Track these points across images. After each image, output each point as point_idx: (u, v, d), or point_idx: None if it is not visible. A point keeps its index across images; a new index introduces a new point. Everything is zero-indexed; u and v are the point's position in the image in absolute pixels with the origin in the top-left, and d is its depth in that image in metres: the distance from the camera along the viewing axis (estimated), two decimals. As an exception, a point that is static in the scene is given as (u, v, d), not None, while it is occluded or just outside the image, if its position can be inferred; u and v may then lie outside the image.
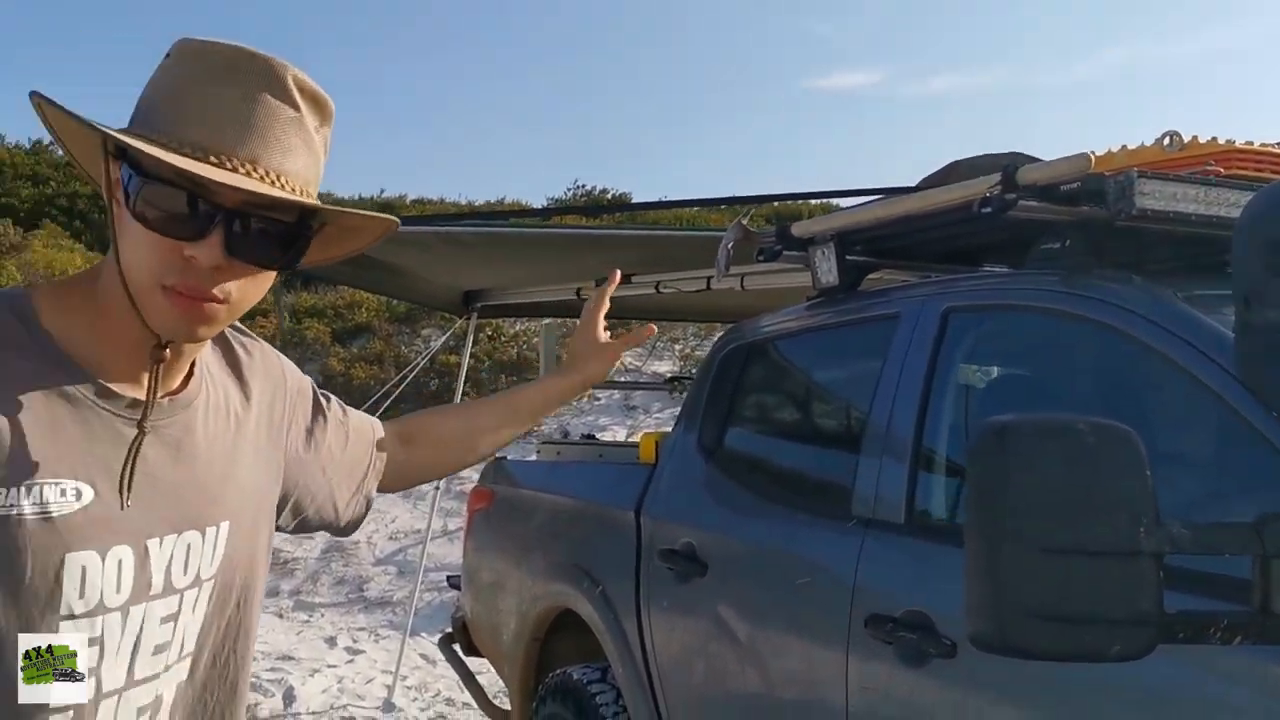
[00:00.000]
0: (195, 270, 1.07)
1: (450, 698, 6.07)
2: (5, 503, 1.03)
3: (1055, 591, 1.29)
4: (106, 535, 1.09)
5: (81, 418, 1.10)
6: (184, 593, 1.18)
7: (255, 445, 1.31)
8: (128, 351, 1.14)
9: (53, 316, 1.12)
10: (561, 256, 4.83)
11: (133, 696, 1.16)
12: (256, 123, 1.07)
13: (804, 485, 2.81)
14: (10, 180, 19.16)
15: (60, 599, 1.07)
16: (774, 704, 2.45)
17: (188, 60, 1.09)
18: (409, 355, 13.14)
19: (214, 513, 1.22)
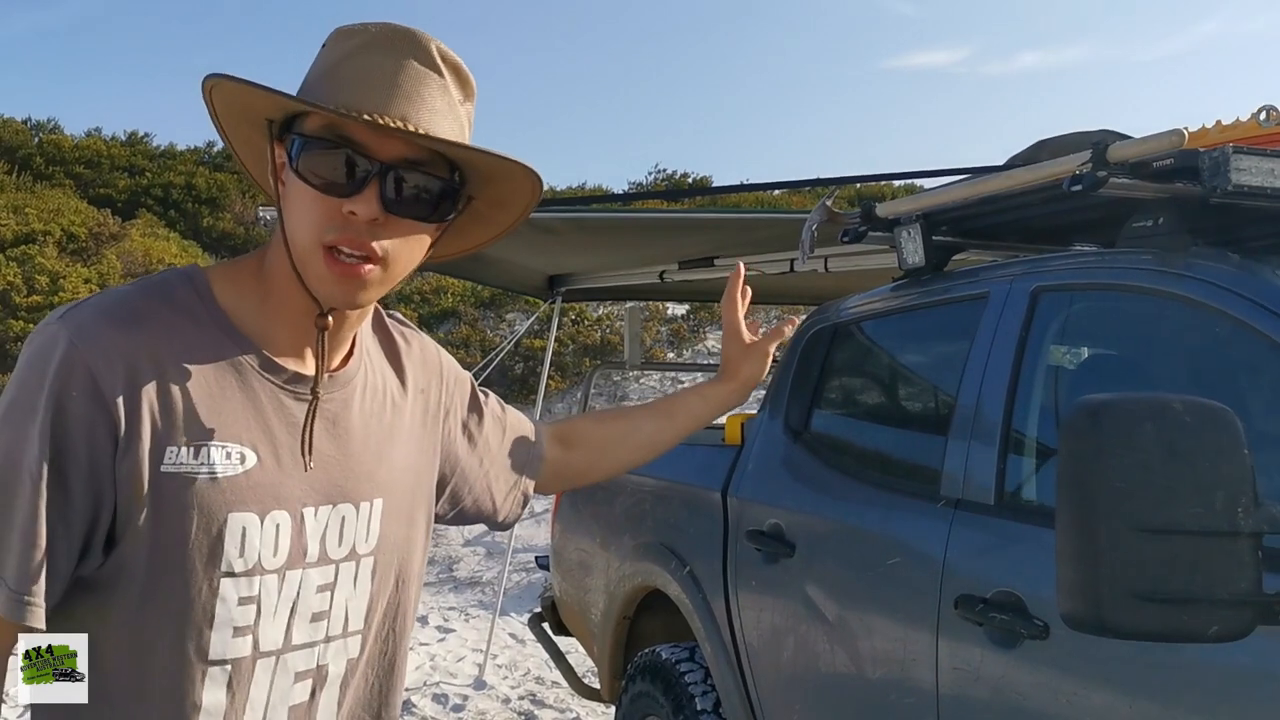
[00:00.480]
0: (354, 225, 1.14)
1: (540, 676, 6.17)
2: (175, 461, 1.11)
3: (1152, 571, 1.29)
4: (267, 499, 1.17)
5: (247, 387, 1.17)
6: (339, 564, 1.25)
7: (411, 430, 1.38)
8: (292, 325, 1.22)
9: (225, 292, 1.21)
10: (644, 240, 4.86)
11: (290, 660, 1.22)
12: (404, 84, 1.14)
13: (891, 466, 2.80)
14: (108, 171, 19.74)
15: (222, 555, 1.14)
16: (863, 684, 2.46)
17: (340, 41, 1.18)
18: (494, 339, 13.31)
19: (367, 489, 1.28)
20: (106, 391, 1.08)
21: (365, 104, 1.12)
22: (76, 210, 16.19)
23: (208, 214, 18.36)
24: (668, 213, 5.10)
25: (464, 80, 1.21)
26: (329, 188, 1.14)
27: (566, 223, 4.72)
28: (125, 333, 1.11)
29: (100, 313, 1.12)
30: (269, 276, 1.22)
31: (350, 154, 1.13)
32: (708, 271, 4.75)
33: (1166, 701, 1.72)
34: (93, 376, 1.08)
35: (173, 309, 1.16)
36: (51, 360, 1.08)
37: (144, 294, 1.17)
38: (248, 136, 1.24)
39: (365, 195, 1.13)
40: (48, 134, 21.22)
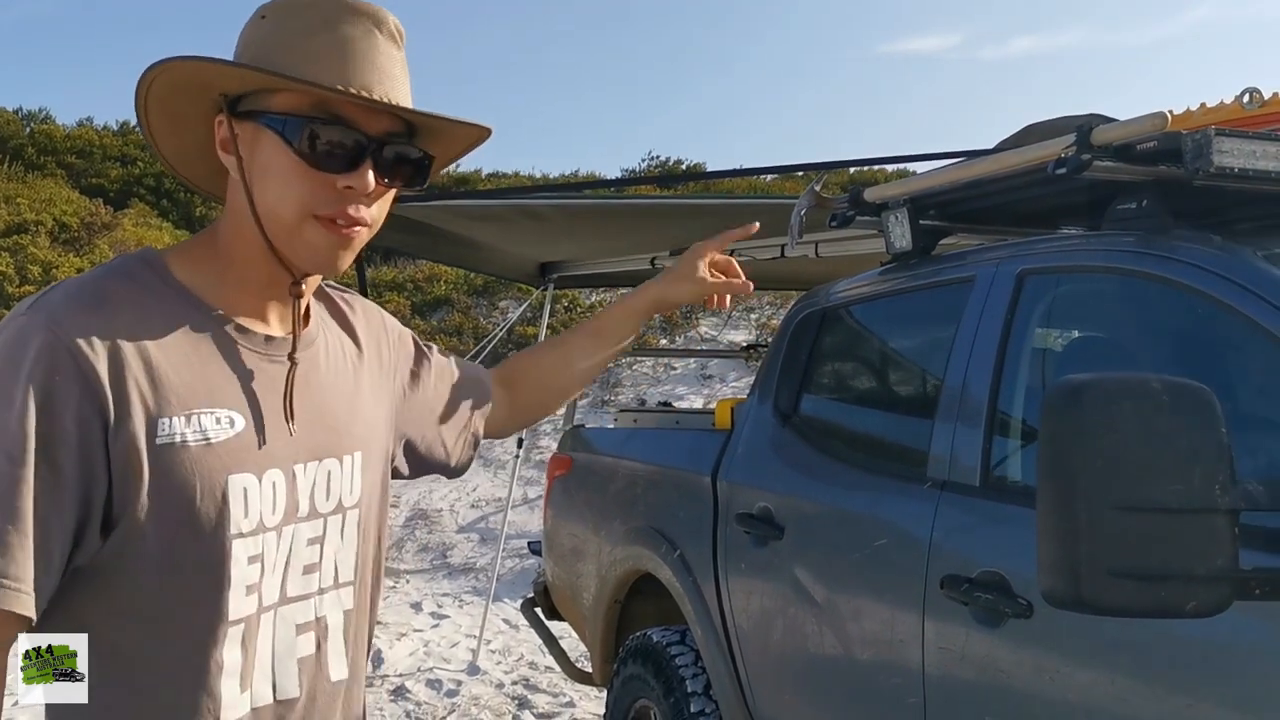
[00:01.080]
0: (349, 198, 1.19)
1: (533, 661, 6.19)
2: (169, 431, 1.13)
3: (1130, 548, 1.30)
4: (261, 459, 1.20)
5: (224, 353, 1.20)
6: (327, 518, 1.29)
7: (372, 386, 1.42)
8: (255, 294, 1.25)
9: (182, 269, 1.23)
10: (636, 227, 4.87)
11: (288, 613, 1.26)
12: (379, 61, 1.19)
13: (879, 449, 2.82)
14: (100, 161, 19.67)
15: (229, 517, 1.17)
16: (851, 664, 2.48)
17: (291, 14, 1.19)
18: (487, 327, 13.30)
19: (347, 443, 1.32)
20: (90, 373, 1.09)
21: (353, 80, 1.16)
22: (69, 200, 16.15)
23: (200, 203, 18.29)
24: (659, 199, 5.10)
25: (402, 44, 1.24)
26: (325, 163, 1.17)
27: (558, 210, 4.72)
28: (99, 314, 1.12)
29: (70, 298, 1.13)
30: (226, 250, 1.24)
31: (346, 130, 1.17)
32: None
33: (1148, 677, 1.74)
34: (75, 359, 1.09)
35: (138, 288, 1.18)
36: (29, 348, 1.08)
37: (107, 277, 1.18)
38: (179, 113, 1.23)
39: (361, 170, 1.18)
40: (39, 124, 21.13)
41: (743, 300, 13.66)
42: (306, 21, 1.18)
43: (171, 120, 1.24)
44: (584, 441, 4.22)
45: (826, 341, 3.11)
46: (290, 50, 1.17)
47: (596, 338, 1.72)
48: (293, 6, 1.19)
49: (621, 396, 12.08)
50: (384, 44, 1.20)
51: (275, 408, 1.23)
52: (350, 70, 1.16)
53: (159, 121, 1.25)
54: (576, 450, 4.19)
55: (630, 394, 12.08)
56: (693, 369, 12.40)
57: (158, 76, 1.18)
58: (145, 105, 1.22)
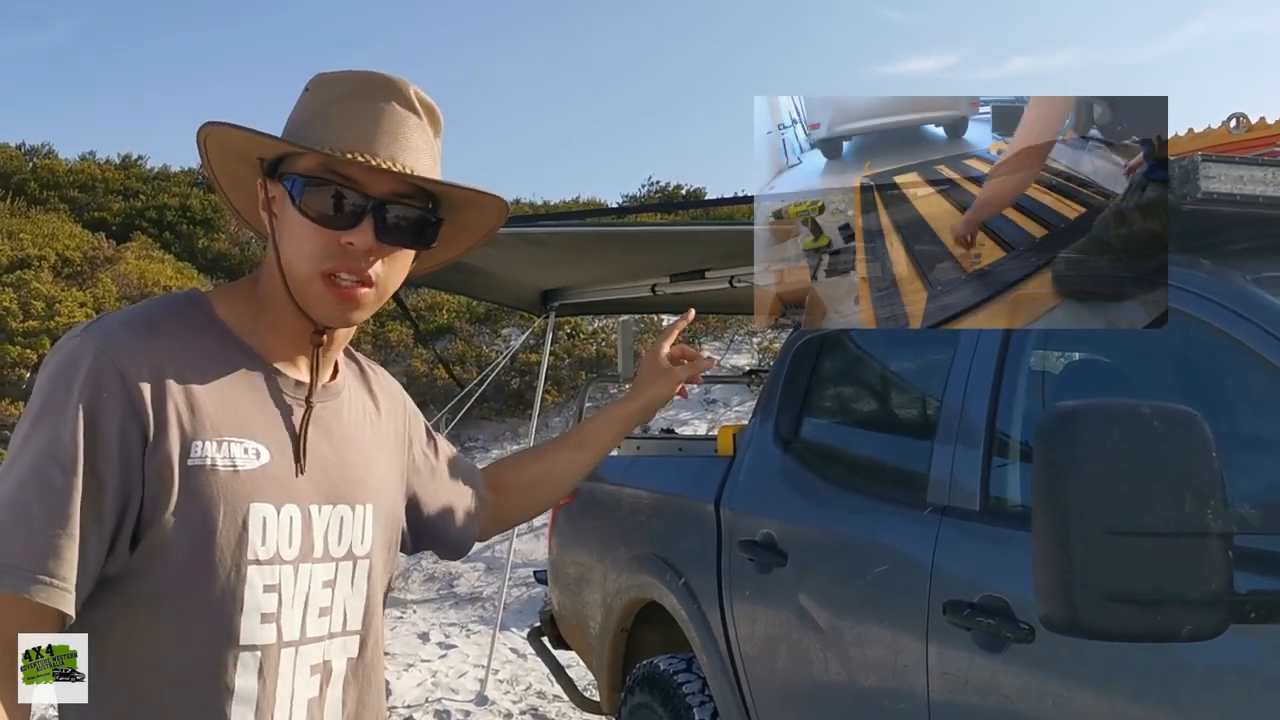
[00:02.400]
0: (352, 254, 1.27)
1: (541, 690, 6.18)
2: (200, 454, 1.21)
3: (1125, 573, 1.31)
4: (281, 493, 1.28)
5: (257, 390, 1.30)
6: (339, 563, 1.34)
7: (386, 450, 1.48)
8: (287, 340, 1.34)
9: (225, 310, 1.33)
10: (637, 254, 4.89)
11: (306, 653, 1.31)
12: (389, 127, 1.28)
13: (880, 474, 2.83)
14: (102, 195, 19.76)
15: (248, 543, 1.24)
16: (856, 690, 2.49)
17: (325, 87, 1.30)
18: (490, 354, 13.33)
19: (360, 493, 1.38)
20: (135, 392, 1.19)
21: (357, 145, 1.25)
22: (71, 234, 16.22)
23: (202, 235, 18.38)
24: (659, 226, 5.13)
25: (435, 119, 1.34)
26: (327, 221, 1.26)
27: (559, 237, 4.75)
28: (147, 340, 1.22)
29: (122, 324, 1.24)
30: (263, 298, 1.34)
31: (346, 191, 1.26)
32: (698, 284, 4.78)
33: (1148, 701, 1.75)
34: (122, 379, 1.18)
35: (183, 324, 1.28)
36: (81, 366, 1.18)
37: (156, 309, 1.29)
38: (233, 172, 1.36)
39: (362, 228, 1.26)
40: (42, 158, 21.26)
41: (744, 324, 13.69)
42: (335, 93, 1.29)
43: (231, 180, 1.37)
44: (587, 469, 4.23)
45: (826, 366, 3.13)
46: (317, 119, 1.28)
47: (579, 449, 1.80)
48: (328, 80, 1.31)
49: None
50: (399, 112, 1.28)
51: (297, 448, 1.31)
52: (358, 136, 1.25)
53: (225, 181, 1.38)
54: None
55: (634, 419, 12.08)
56: (696, 394, 12.42)
57: (207, 139, 1.31)
58: (210, 166, 1.35)
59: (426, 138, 1.31)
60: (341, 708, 1.36)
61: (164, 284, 14.00)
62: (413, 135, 1.29)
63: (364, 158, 1.24)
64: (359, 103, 1.27)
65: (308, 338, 1.34)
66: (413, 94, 1.30)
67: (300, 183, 1.26)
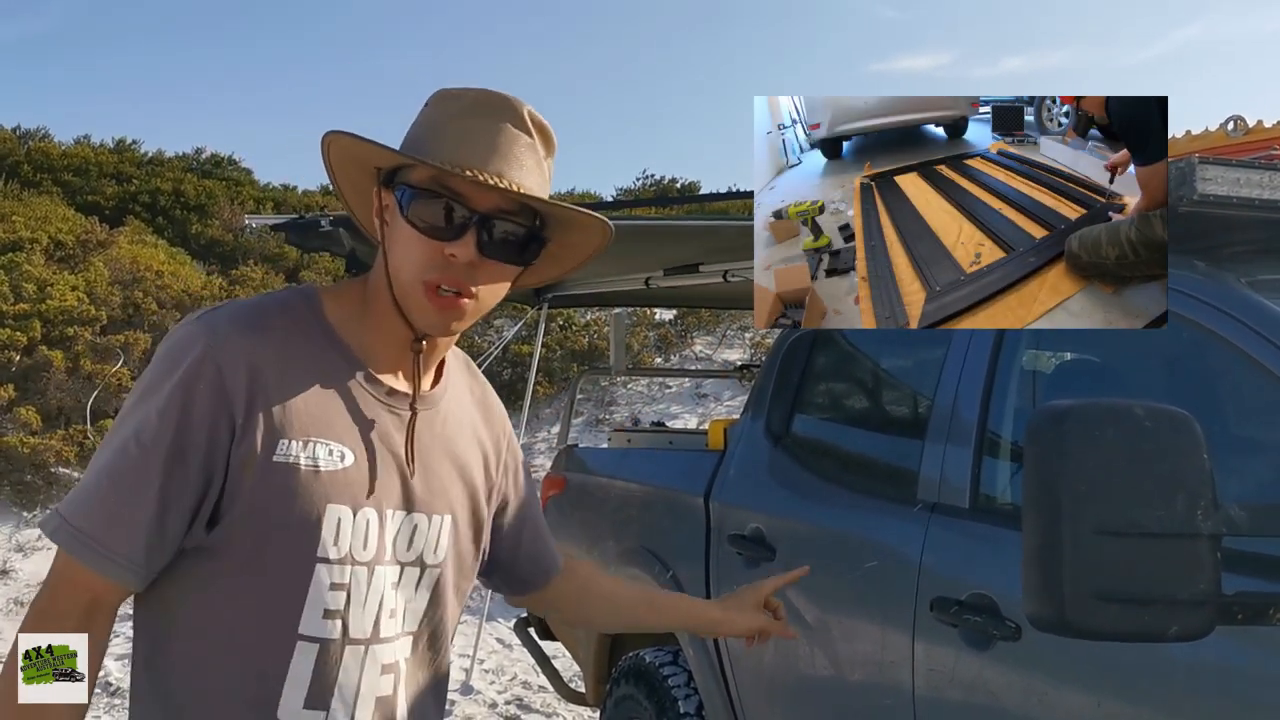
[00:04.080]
0: (454, 266, 1.30)
1: (526, 681, 6.18)
2: (285, 452, 1.27)
3: (1113, 573, 1.31)
4: (359, 496, 1.32)
5: (349, 396, 1.34)
6: (405, 567, 1.39)
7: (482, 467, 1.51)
8: (388, 346, 1.38)
9: (334, 310, 1.38)
10: (631, 247, 4.87)
11: (379, 652, 1.35)
12: (501, 145, 1.31)
13: (870, 470, 2.84)
14: (96, 179, 19.66)
15: (319, 541, 1.29)
16: (842, 686, 2.49)
17: (444, 103, 1.34)
18: (482, 345, 13.31)
19: (440, 504, 1.42)
20: (230, 389, 1.25)
21: (468, 161, 1.28)
22: (64, 218, 16.13)
23: (196, 221, 18.29)
24: (654, 220, 5.10)
25: (548, 139, 1.36)
26: (433, 232, 1.29)
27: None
28: (251, 338, 1.28)
29: (231, 318, 1.30)
30: (370, 300, 1.38)
31: (453, 204, 1.29)
32: (692, 278, 4.77)
33: (1134, 700, 1.76)
34: (220, 374, 1.25)
35: (292, 321, 1.33)
36: (187, 355, 1.25)
37: (269, 304, 1.34)
38: (354, 178, 1.40)
39: (465, 240, 1.29)
40: (37, 141, 21.15)
41: (737, 319, 13.69)
42: (453, 109, 1.33)
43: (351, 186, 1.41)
44: (578, 461, 4.23)
45: (818, 362, 3.13)
46: (433, 132, 1.32)
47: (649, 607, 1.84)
48: (448, 95, 1.35)
49: (616, 415, 12.09)
50: (511, 131, 1.32)
51: (382, 453, 1.35)
52: (470, 152, 1.29)
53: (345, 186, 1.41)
54: (570, 470, 4.20)
55: (625, 413, 12.10)
56: (688, 388, 12.42)
57: (330, 146, 1.35)
58: (332, 171, 1.40)
59: (537, 157, 1.34)
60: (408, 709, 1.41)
61: (156, 269, 13.93)
62: (523, 154, 1.32)
63: (471, 173, 1.27)
64: (474, 119, 1.31)
65: (408, 344, 1.37)
66: (526, 114, 1.34)
67: (410, 193, 1.30)
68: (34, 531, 8.47)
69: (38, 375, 10.18)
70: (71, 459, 9.31)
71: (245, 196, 19.26)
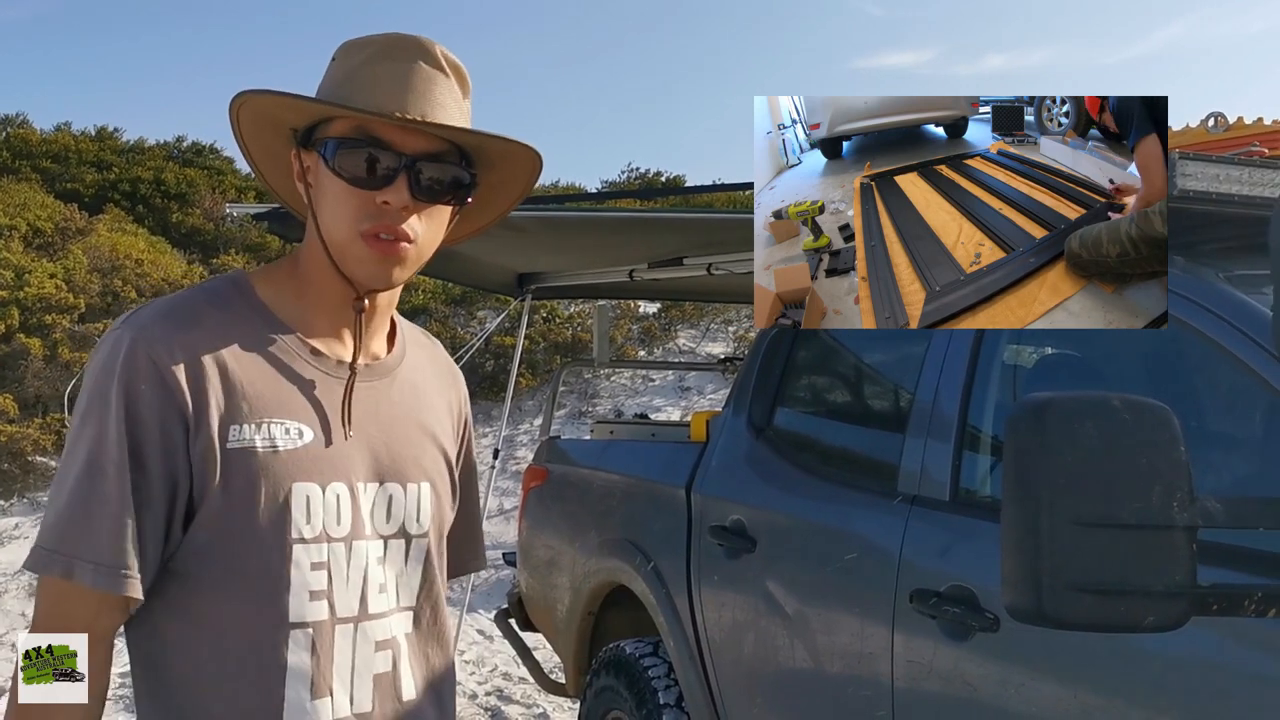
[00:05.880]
0: (388, 213, 1.27)
1: (507, 672, 6.19)
2: (240, 437, 1.24)
3: (1090, 563, 1.32)
4: (326, 471, 1.29)
5: (297, 370, 1.30)
6: (389, 540, 1.36)
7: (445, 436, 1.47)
8: (330, 316, 1.35)
9: (265, 289, 1.34)
10: (615, 239, 4.87)
11: (369, 629, 1.33)
12: (418, 85, 1.28)
13: (851, 463, 2.85)
14: (76, 166, 19.53)
15: (290, 521, 1.26)
16: (821, 677, 2.50)
17: (353, 52, 1.31)
18: (465, 336, 13.28)
19: (414, 472, 1.39)
20: (172, 384, 1.21)
21: (388, 105, 1.25)
22: (43, 205, 16.02)
23: (176, 209, 18.19)
24: (638, 212, 5.12)
25: (463, 79, 1.33)
26: (363, 181, 1.27)
27: (537, 221, 4.73)
28: (183, 331, 1.24)
29: (158, 314, 1.26)
30: (305, 272, 1.35)
31: (380, 151, 1.27)
32: (676, 270, 4.78)
33: (1110, 691, 1.77)
34: (159, 371, 1.21)
35: (224, 308, 1.30)
36: (118, 358, 1.21)
37: (196, 295, 1.31)
38: (269, 146, 1.36)
39: (396, 186, 1.27)
40: (15, 128, 20.99)
41: (721, 312, 13.70)
42: (363, 57, 1.29)
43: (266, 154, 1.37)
44: (560, 453, 4.23)
45: (800, 356, 3.14)
46: (346, 82, 1.29)
47: None
48: (354, 45, 1.31)
49: (599, 408, 12.10)
50: (428, 71, 1.29)
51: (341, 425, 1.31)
52: (389, 95, 1.26)
53: (259, 155, 1.38)
54: (552, 462, 4.20)
55: (608, 405, 12.10)
56: (670, 381, 12.43)
57: (240, 110, 1.31)
58: (243, 139, 1.35)
59: (455, 97, 1.31)
60: (415, 683, 1.38)
61: (136, 257, 13.85)
62: (442, 94, 1.29)
63: (396, 114, 1.25)
64: (387, 64, 1.28)
65: (348, 310, 1.34)
66: (439, 54, 1.31)
67: (333, 145, 1.27)
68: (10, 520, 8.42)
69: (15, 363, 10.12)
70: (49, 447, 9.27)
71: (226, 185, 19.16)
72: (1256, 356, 1.71)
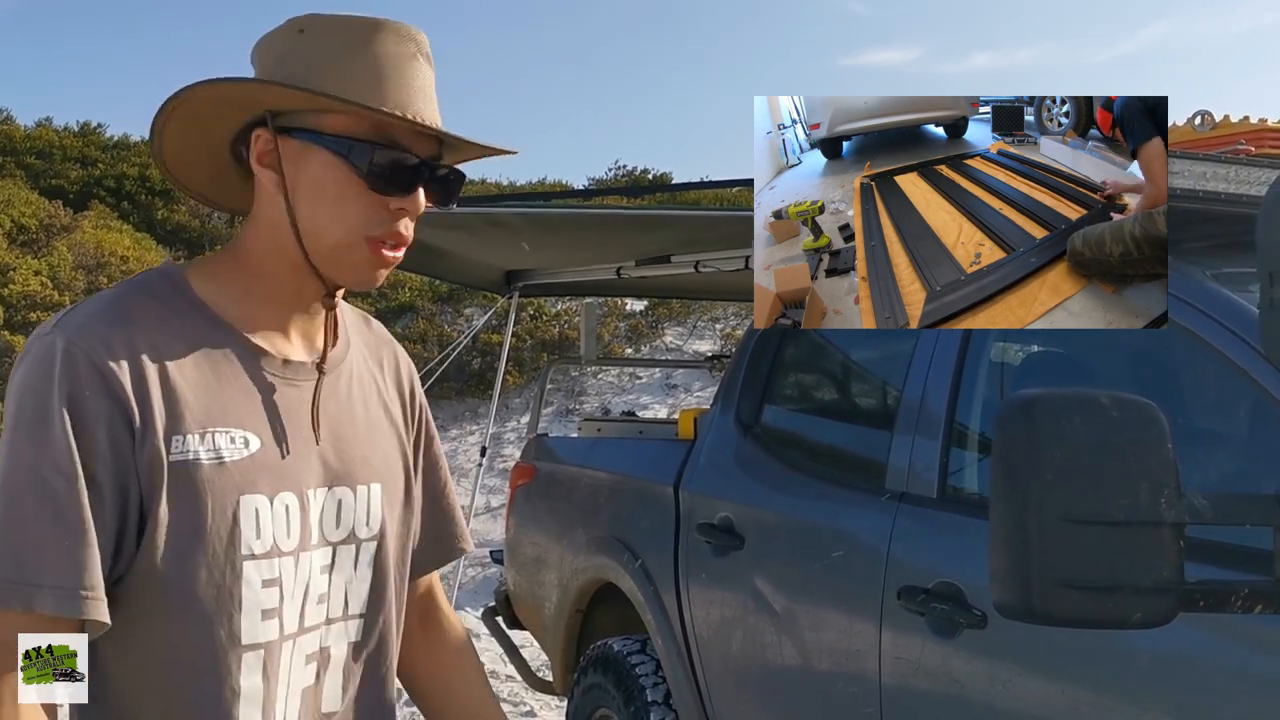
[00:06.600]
0: (399, 219, 1.21)
1: (494, 670, 6.18)
2: (182, 449, 1.13)
3: (1078, 560, 1.33)
4: (275, 481, 1.19)
5: (241, 375, 1.19)
6: (338, 547, 1.26)
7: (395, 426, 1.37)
8: (278, 312, 1.24)
9: (204, 285, 1.22)
10: (602, 237, 4.87)
11: (302, 643, 1.24)
12: (419, 84, 1.21)
13: (839, 460, 2.85)
14: (60, 162, 19.42)
15: (240, 538, 1.16)
16: (809, 674, 2.50)
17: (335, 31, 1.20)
18: (452, 334, 13.26)
19: (363, 472, 1.29)
20: (116, 386, 1.10)
21: (405, 105, 1.17)
22: (27, 201, 15.94)
23: (161, 206, 18.11)
24: (626, 209, 5.11)
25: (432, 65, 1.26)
26: (385, 187, 1.19)
27: (524, 218, 4.73)
28: (120, 329, 1.13)
29: (91, 314, 1.14)
30: (253, 266, 1.23)
31: (402, 155, 1.19)
32: (664, 268, 4.78)
33: (1098, 687, 1.78)
34: (100, 373, 1.10)
35: (159, 306, 1.18)
36: (54, 365, 1.10)
37: (127, 293, 1.19)
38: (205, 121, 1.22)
39: (416, 194, 1.21)
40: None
41: (708, 310, 13.71)
42: (345, 40, 1.19)
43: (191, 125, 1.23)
44: (547, 450, 4.23)
45: (789, 353, 3.14)
46: (332, 69, 1.17)
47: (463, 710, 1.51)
48: (331, 24, 1.20)
49: (586, 405, 12.09)
50: (422, 66, 1.22)
51: (290, 431, 1.22)
52: (399, 94, 1.18)
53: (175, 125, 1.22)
54: (540, 459, 4.20)
55: (595, 403, 12.10)
56: (658, 379, 12.44)
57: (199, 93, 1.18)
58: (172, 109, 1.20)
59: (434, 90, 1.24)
60: (342, 694, 1.29)
61: (121, 254, 13.80)
62: (432, 89, 1.22)
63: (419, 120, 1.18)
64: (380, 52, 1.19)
65: (306, 306, 1.24)
66: (426, 44, 1.24)
67: (361, 148, 1.18)
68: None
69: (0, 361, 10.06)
70: (34, 445, 9.22)
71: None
72: (1243, 354, 1.71)
